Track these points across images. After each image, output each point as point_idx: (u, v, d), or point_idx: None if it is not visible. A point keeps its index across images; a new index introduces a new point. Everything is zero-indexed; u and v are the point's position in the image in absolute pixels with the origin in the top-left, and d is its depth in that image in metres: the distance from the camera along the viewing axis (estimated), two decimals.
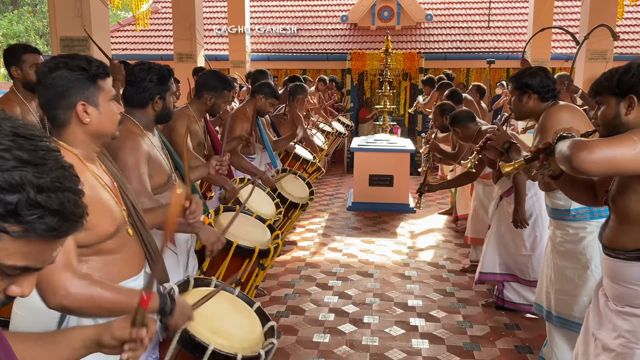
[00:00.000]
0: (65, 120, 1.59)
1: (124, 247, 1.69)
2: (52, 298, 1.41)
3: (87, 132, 1.62)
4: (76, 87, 1.57)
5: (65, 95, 1.57)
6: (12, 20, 21.61)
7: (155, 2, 13.02)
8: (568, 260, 2.73)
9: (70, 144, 1.60)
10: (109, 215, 1.62)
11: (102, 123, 1.63)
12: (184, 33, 8.23)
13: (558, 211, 2.76)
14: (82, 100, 1.58)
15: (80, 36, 5.14)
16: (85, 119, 1.59)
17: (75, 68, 1.57)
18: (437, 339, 3.47)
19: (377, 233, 5.83)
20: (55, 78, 1.56)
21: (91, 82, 1.60)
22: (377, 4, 11.40)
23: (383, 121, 7.85)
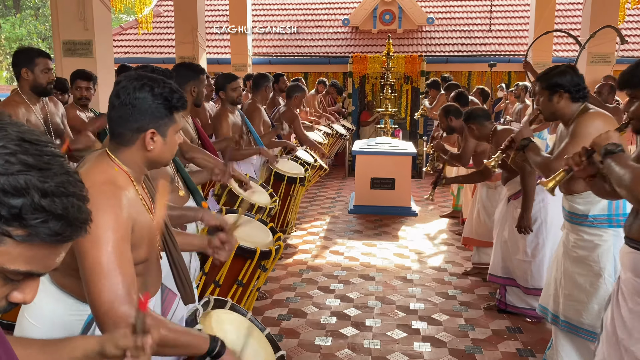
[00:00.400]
0: (130, 140, 1.57)
1: (150, 271, 1.68)
2: (113, 329, 1.36)
3: (146, 158, 1.60)
4: (153, 115, 1.56)
5: (139, 119, 1.55)
6: (14, 23, 21.69)
7: (158, 5, 13.06)
8: (580, 266, 2.68)
9: (124, 162, 1.58)
10: (149, 241, 1.60)
11: (163, 152, 1.62)
12: (186, 36, 8.26)
13: (575, 215, 2.69)
14: (154, 128, 1.57)
15: (83, 39, 5.16)
16: (150, 146, 1.57)
17: (158, 96, 1.56)
18: (439, 342, 3.47)
19: (379, 236, 5.83)
20: (137, 99, 1.54)
21: (168, 112, 1.59)
22: (378, 8, 11.42)
23: (385, 124, 7.86)
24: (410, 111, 11.28)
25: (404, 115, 11.28)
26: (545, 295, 2.94)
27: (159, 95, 1.55)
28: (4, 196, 0.71)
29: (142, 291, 1.62)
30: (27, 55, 3.21)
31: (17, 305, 0.82)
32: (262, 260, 2.79)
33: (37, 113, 3.31)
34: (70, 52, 5.18)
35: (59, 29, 5.20)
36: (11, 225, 0.72)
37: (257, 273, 2.86)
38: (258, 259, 2.75)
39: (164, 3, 13.09)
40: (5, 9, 24.31)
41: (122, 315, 1.37)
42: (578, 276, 2.69)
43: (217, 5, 12.87)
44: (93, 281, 1.39)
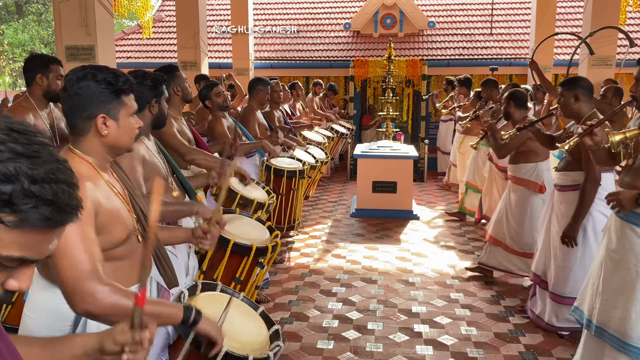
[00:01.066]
0: (84, 129, 1.64)
1: (132, 254, 1.73)
2: (80, 304, 1.45)
3: (104, 144, 1.66)
4: (99, 100, 1.62)
5: (87, 106, 1.62)
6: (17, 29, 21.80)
7: (160, 10, 13.11)
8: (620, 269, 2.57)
9: (85, 152, 1.65)
10: (121, 223, 1.66)
11: (119, 136, 1.68)
12: (188, 41, 8.29)
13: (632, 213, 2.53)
14: (103, 113, 1.63)
15: (85, 45, 5.19)
16: (103, 131, 1.64)
17: (102, 81, 1.62)
18: (441, 345, 3.47)
19: (381, 239, 5.83)
20: (81, 87, 1.61)
21: (115, 96, 1.64)
22: (379, 12, 11.45)
23: (386, 128, 7.86)
24: (412, 115, 11.29)
25: (405, 119, 11.29)
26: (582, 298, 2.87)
27: (103, 81, 1.62)
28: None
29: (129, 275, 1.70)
30: (42, 62, 3.28)
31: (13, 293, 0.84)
32: (258, 257, 2.83)
33: (44, 118, 3.35)
34: (73, 57, 5.20)
35: (61, 34, 5.22)
36: (2, 212, 0.74)
37: (254, 270, 2.89)
38: (254, 256, 2.79)
39: (166, 8, 13.14)
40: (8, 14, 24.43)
41: (87, 290, 1.44)
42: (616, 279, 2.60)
43: (219, 11, 12.93)
44: (57, 262, 1.45)
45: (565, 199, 3.48)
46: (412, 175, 6.88)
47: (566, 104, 3.30)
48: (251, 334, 1.91)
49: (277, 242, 2.95)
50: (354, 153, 7.15)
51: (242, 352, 1.73)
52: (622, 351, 2.54)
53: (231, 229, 2.85)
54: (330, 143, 7.53)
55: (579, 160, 3.29)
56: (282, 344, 1.92)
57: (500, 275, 4.65)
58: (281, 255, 5.19)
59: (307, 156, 5.52)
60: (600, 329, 2.65)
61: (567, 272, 3.47)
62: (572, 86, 3.29)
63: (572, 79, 3.33)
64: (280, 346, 1.90)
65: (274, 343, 1.92)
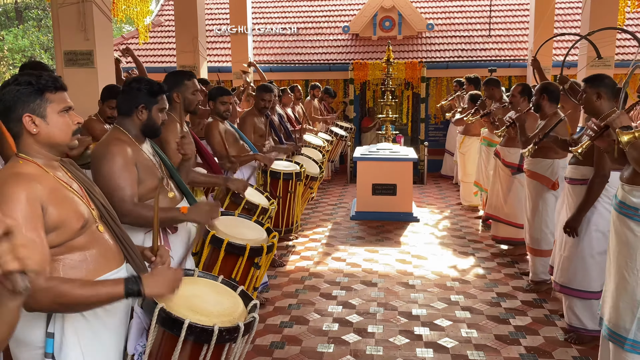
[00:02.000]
0: (18, 132, 1.71)
1: (96, 243, 1.79)
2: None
3: (38, 142, 1.73)
4: (21, 101, 1.68)
5: (13, 109, 1.68)
6: (17, 35, 21.82)
7: (159, 15, 13.14)
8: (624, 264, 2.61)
9: (29, 154, 1.72)
10: (73, 213, 1.71)
11: (52, 133, 1.73)
12: (186, 45, 8.30)
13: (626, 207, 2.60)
14: (28, 112, 1.69)
15: (84, 50, 5.19)
16: (32, 129, 1.70)
17: (22, 82, 1.69)
18: (441, 348, 3.46)
19: (381, 242, 5.82)
20: (4, 93, 1.69)
21: (37, 94, 1.70)
22: (378, 15, 11.46)
23: (386, 130, 7.86)
24: (411, 117, 11.29)
25: (405, 121, 11.30)
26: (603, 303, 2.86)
27: (23, 82, 1.70)
28: None
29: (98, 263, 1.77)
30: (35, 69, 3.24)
31: None
32: (254, 257, 2.84)
33: None
34: (72, 63, 5.21)
35: (60, 39, 5.23)
36: None
37: (250, 271, 2.89)
38: (249, 256, 2.80)
39: (165, 12, 13.17)
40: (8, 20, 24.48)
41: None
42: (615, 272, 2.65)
43: (218, 15, 12.94)
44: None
45: (575, 192, 3.54)
46: (412, 178, 6.88)
47: (588, 101, 3.30)
48: (223, 308, 1.92)
49: (273, 242, 2.95)
50: (354, 156, 7.15)
51: (208, 323, 1.77)
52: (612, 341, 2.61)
53: (227, 230, 2.87)
54: (329, 146, 7.53)
55: (591, 156, 3.33)
56: (256, 315, 1.94)
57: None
58: (281, 259, 5.19)
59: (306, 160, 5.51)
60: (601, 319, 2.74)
61: (567, 263, 3.55)
62: (595, 83, 3.29)
63: (597, 76, 3.34)
64: (255, 317, 1.92)
65: (251, 303, 1.98)
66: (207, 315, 1.81)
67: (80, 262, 1.73)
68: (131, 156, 2.37)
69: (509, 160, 5.23)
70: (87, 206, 1.79)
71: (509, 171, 5.24)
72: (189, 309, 1.81)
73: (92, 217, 1.80)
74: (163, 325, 1.74)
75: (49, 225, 1.63)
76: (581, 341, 3.48)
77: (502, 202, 5.37)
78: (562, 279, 3.58)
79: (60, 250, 1.69)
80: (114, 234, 1.90)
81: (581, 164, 3.49)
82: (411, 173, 6.80)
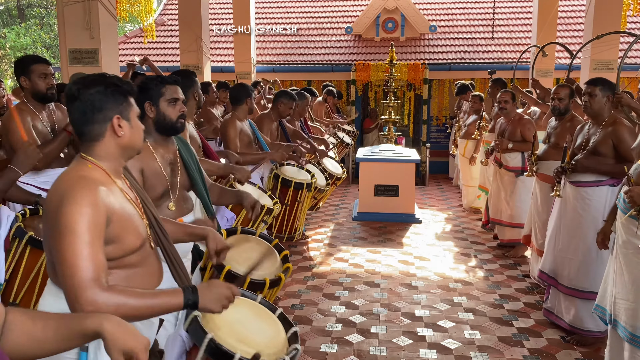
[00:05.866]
0: (100, 133, 1.67)
1: (145, 261, 1.74)
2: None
3: (120, 145, 1.70)
4: (112, 102, 1.67)
5: (102, 109, 1.65)
6: (19, 32, 21.83)
7: (162, 14, 13.15)
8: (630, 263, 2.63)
9: (98, 158, 1.67)
10: (135, 230, 1.67)
11: (133, 136, 1.72)
12: (190, 45, 8.32)
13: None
14: (117, 114, 1.67)
15: (89, 48, 5.20)
16: (119, 132, 1.68)
17: (110, 84, 1.67)
18: (445, 349, 3.46)
19: (383, 243, 5.83)
20: (92, 93, 1.64)
21: (124, 97, 1.69)
22: (381, 16, 11.48)
23: (388, 131, 7.87)
24: (413, 118, 11.30)
25: (407, 123, 11.31)
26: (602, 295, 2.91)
27: (110, 84, 1.67)
28: None
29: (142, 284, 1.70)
30: (23, 64, 3.21)
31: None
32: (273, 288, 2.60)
33: (44, 120, 3.30)
34: (77, 61, 5.22)
35: (65, 37, 5.24)
36: None
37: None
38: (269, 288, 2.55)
39: (169, 12, 13.18)
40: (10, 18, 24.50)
41: (86, 300, 1.44)
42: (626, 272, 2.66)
43: (221, 14, 12.96)
44: (62, 268, 1.47)
45: (580, 195, 3.51)
46: (414, 179, 6.89)
47: (598, 103, 3.38)
48: (267, 337, 1.87)
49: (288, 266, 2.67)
50: (356, 157, 7.15)
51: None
52: (632, 343, 2.59)
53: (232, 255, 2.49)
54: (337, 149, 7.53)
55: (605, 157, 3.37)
56: (299, 347, 1.89)
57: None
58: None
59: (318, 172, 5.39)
60: (615, 322, 2.72)
61: (583, 267, 3.51)
62: (606, 87, 3.37)
63: (607, 81, 3.40)
64: (298, 349, 1.87)
65: (292, 346, 1.88)
66: (254, 347, 1.76)
67: (125, 279, 1.67)
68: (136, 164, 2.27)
69: (512, 165, 5.26)
70: (142, 220, 1.74)
71: (513, 174, 5.26)
72: (237, 339, 1.76)
73: (147, 234, 1.75)
74: (212, 356, 1.69)
75: (109, 237, 1.58)
76: (584, 343, 3.49)
77: (505, 205, 5.38)
78: (574, 283, 3.55)
79: (111, 265, 1.62)
80: (164, 249, 1.86)
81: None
82: (413, 174, 6.81)
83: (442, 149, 10.66)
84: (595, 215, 3.45)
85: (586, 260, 3.51)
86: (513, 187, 5.28)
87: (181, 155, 2.59)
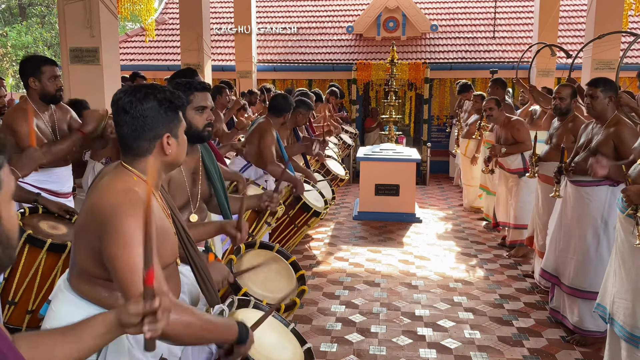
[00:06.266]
0: (147, 150, 1.61)
1: (170, 278, 1.69)
2: None
3: (164, 162, 1.65)
4: (164, 119, 1.61)
5: (154, 127, 1.59)
6: (20, 31, 21.85)
7: (163, 13, 13.15)
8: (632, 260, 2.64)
9: (142, 172, 1.62)
10: (171, 246, 1.65)
11: (179, 154, 1.67)
12: (191, 44, 8.31)
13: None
14: (167, 132, 1.62)
15: (89, 47, 5.20)
16: (167, 150, 1.62)
17: (163, 100, 1.60)
18: (444, 348, 3.46)
19: (384, 242, 5.82)
20: (146, 109, 1.58)
21: (175, 113, 1.64)
22: (382, 15, 11.47)
23: (389, 131, 7.86)
24: (414, 118, 11.29)
25: (407, 122, 11.30)
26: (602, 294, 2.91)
27: (164, 100, 1.60)
28: None
29: None
30: (33, 64, 3.17)
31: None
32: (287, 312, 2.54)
33: (46, 121, 3.29)
34: (77, 59, 5.22)
35: (66, 36, 5.24)
36: None
37: None
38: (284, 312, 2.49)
39: (169, 10, 13.18)
40: (12, 16, 24.51)
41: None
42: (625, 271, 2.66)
43: (222, 13, 12.96)
44: (127, 280, 1.44)
45: (580, 194, 3.49)
46: (415, 178, 6.88)
47: (600, 104, 3.36)
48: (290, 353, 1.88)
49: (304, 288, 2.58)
50: (357, 156, 7.15)
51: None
52: (630, 342, 2.61)
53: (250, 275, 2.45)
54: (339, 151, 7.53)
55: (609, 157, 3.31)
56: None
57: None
58: None
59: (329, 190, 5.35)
60: (612, 320, 2.73)
61: (583, 267, 3.50)
62: (607, 88, 3.35)
63: (608, 81, 3.37)
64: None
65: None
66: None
67: None
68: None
69: (513, 167, 5.26)
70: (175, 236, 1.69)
71: (517, 176, 5.26)
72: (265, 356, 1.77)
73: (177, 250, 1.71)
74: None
75: None
76: (584, 343, 3.48)
77: (510, 207, 5.38)
78: (574, 283, 3.55)
79: None
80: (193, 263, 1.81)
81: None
82: (414, 174, 6.81)
83: (442, 149, 10.65)
84: (595, 215, 3.45)
85: (585, 260, 3.50)
86: (516, 188, 5.28)
87: (204, 163, 2.52)
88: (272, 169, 4.23)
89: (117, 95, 1.63)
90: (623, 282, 2.68)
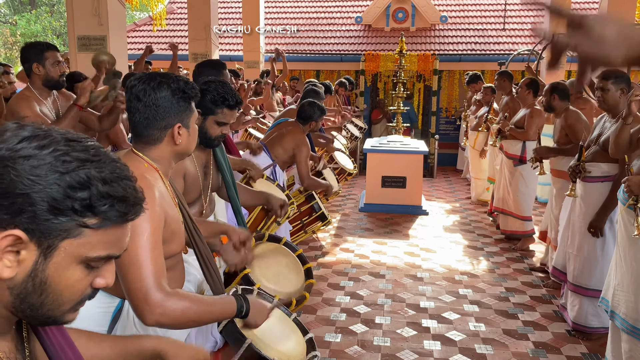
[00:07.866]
0: (158, 138, 1.63)
1: (176, 266, 1.72)
2: (150, 316, 1.45)
3: (174, 152, 1.67)
4: (176, 109, 1.62)
5: (165, 117, 1.61)
6: (30, 20, 21.93)
7: (171, 2, 13.13)
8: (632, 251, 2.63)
9: (152, 159, 1.64)
10: (180, 233, 1.66)
11: (189, 143, 1.69)
12: (199, 33, 8.29)
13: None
14: (179, 122, 1.63)
15: (97, 35, 5.20)
16: (178, 140, 1.64)
17: (176, 90, 1.61)
18: (449, 340, 3.45)
19: (389, 234, 5.82)
20: (159, 98, 1.59)
21: (188, 105, 1.65)
22: (391, 6, 11.38)
23: (396, 122, 7.83)
24: (422, 110, 11.23)
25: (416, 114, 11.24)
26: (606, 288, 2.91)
27: (177, 90, 1.61)
28: (72, 192, 0.77)
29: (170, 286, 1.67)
30: (36, 50, 3.17)
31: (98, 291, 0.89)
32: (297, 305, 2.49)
33: (49, 107, 3.30)
34: (85, 48, 5.23)
35: (73, 24, 5.24)
36: (86, 217, 0.79)
37: None
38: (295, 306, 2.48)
39: (178, 0, 13.16)
40: (21, 5, 24.58)
41: (156, 302, 1.45)
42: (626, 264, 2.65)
43: (231, 2, 12.92)
44: (130, 271, 1.45)
45: (591, 190, 3.44)
46: (422, 171, 6.85)
47: (612, 97, 3.30)
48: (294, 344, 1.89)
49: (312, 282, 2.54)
50: (364, 147, 7.12)
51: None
52: (633, 335, 2.61)
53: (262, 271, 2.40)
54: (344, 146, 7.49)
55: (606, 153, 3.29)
56: (319, 353, 1.88)
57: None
58: None
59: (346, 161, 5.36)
60: (613, 312, 2.72)
61: (588, 265, 3.47)
62: (618, 80, 3.28)
63: (618, 72, 3.32)
64: (318, 356, 1.87)
65: (311, 353, 1.90)
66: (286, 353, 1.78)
67: None
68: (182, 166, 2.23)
69: (511, 152, 5.24)
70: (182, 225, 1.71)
71: (512, 163, 5.25)
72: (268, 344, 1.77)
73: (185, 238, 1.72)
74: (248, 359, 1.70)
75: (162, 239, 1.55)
76: (587, 338, 3.47)
77: (507, 194, 5.37)
78: (578, 279, 3.51)
79: None
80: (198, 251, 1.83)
81: (600, 160, 3.38)
82: (421, 166, 6.78)
83: (451, 141, 10.60)
84: (610, 215, 3.38)
85: (589, 257, 3.46)
86: (512, 177, 5.28)
87: (215, 157, 2.54)
88: (309, 183, 4.18)
89: (131, 82, 1.64)
90: (624, 275, 2.66)
